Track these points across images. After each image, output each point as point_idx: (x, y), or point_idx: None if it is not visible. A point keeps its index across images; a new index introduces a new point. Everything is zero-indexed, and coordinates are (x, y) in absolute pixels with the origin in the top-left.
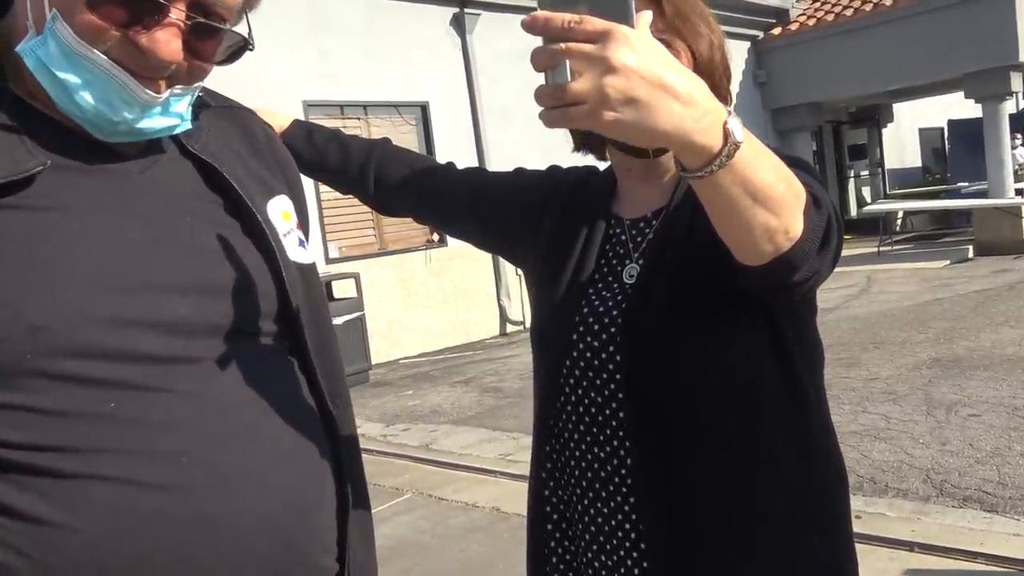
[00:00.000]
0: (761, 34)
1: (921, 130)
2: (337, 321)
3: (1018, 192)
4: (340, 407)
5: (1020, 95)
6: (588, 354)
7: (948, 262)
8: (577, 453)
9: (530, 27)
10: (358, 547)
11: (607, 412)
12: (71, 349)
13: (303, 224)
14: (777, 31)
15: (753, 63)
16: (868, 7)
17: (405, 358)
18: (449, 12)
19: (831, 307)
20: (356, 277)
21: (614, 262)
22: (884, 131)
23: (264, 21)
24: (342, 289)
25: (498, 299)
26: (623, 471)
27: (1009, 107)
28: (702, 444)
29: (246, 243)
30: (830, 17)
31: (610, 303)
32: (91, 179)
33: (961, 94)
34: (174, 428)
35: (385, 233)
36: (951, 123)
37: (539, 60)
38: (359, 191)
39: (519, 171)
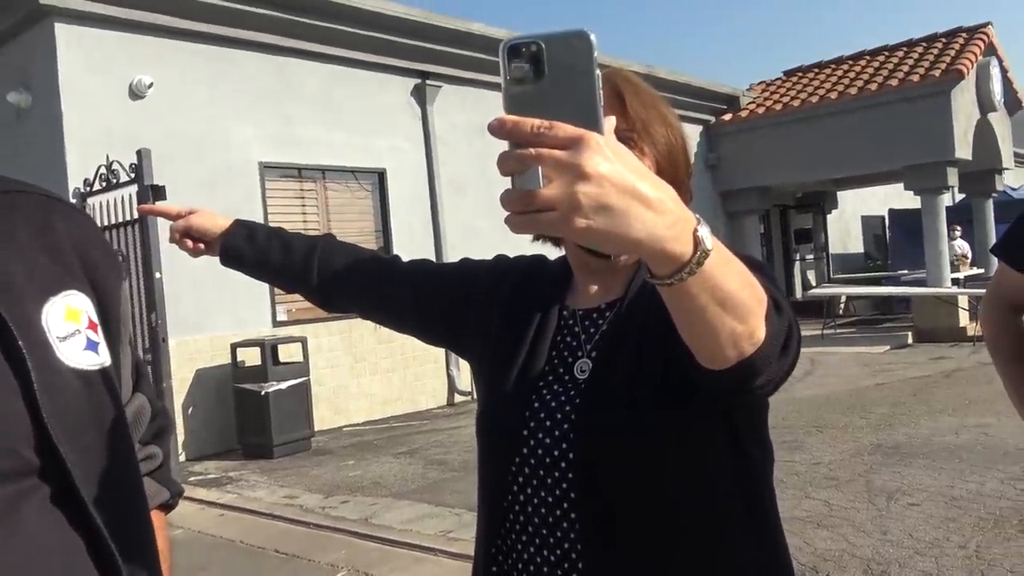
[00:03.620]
0: (713, 119)
1: (864, 217)
2: (281, 386)
3: (954, 282)
4: (131, 554)
5: (956, 189)
6: (539, 451)
7: (888, 347)
8: (525, 556)
9: (497, 131)
10: None
11: (558, 513)
12: None
13: (105, 324)
14: (728, 116)
15: (705, 146)
16: (815, 99)
17: (349, 425)
18: (411, 83)
19: None
20: (303, 341)
21: (565, 354)
22: (829, 217)
23: (226, 84)
24: (288, 353)
25: (447, 368)
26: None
27: (946, 200)
28: (659, 546)
29: None
30: (778, 106)
31: (562, 398)
32: None
33: (901, 185)
34: None
35: None
36: (892, 212)
37: (507, 165)
38: (302, 285)
39: (464, 262)
